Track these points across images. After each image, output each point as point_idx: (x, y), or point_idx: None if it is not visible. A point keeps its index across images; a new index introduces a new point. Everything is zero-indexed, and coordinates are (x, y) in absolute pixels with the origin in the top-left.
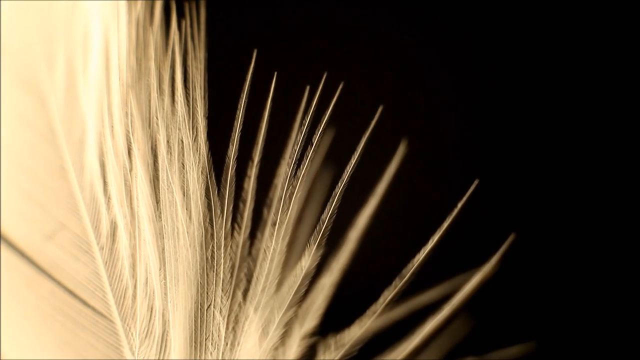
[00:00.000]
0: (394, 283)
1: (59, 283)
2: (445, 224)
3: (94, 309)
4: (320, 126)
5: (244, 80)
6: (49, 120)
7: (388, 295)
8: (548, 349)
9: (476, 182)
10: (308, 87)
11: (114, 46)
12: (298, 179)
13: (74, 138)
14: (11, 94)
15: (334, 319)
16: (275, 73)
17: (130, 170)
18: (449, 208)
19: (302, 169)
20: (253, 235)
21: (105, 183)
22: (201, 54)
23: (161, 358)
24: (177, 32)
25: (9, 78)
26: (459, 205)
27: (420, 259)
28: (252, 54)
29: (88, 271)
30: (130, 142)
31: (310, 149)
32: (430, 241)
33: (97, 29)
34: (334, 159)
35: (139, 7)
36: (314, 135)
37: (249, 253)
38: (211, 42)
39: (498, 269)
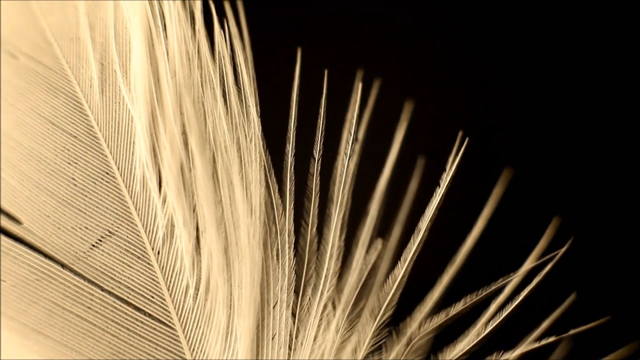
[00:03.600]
0: (446, 270)
1: (109, 292)
2: (486, 212)
3: (151, 316)
4: (362, 121)
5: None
6: (86, 123)
7: (444, 282)
8: (623, 323)
9: (510, 172)
10: (360, 84)
11: (158, 46)
12: (350, 173)
13: (120, 141)
14: (34, 97)
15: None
16: (326, 71)
17: (190, 169)
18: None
19: (351, 163)
20: (320, 232)
21: (160, 184)
22: (247, 52)
23: (226, 359)
24: (221, 31)
25: (28, 80)
26: (496, 193)
27: (468, 245)
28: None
29: (143, 277)
30: (187, 142)
31: (355, 144)
32: (475, 229)
33: (136, 28)
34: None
35: (178, 6)
36: (358, 131)
37: (318, 249)
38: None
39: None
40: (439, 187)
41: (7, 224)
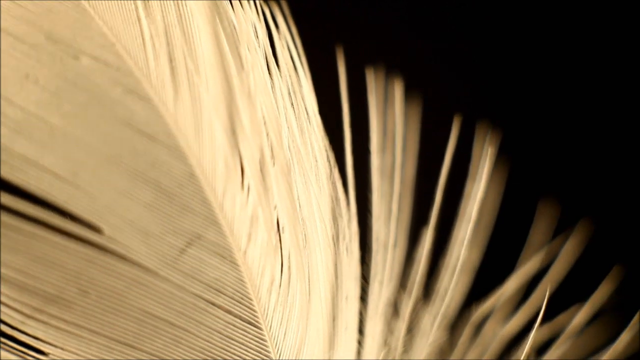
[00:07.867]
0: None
1: (200, 296)
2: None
3: (240, 317)
4: (397, 120)
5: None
6: (165, 125)
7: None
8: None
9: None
10: (400, 81)
11: (230, 45)
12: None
13: (202, 141)
14: (106, 99)
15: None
16: (371, 70)
17: (272, 166)
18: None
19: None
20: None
21: (242, 180)
22: (300, 50)
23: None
24: (276, 30)
25: (95, 82)
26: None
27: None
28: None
29: (230, 278)
30: (268, 141)
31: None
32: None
33: (205, 29)
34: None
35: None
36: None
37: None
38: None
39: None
40: (474, 178)
41: (88, 234)
